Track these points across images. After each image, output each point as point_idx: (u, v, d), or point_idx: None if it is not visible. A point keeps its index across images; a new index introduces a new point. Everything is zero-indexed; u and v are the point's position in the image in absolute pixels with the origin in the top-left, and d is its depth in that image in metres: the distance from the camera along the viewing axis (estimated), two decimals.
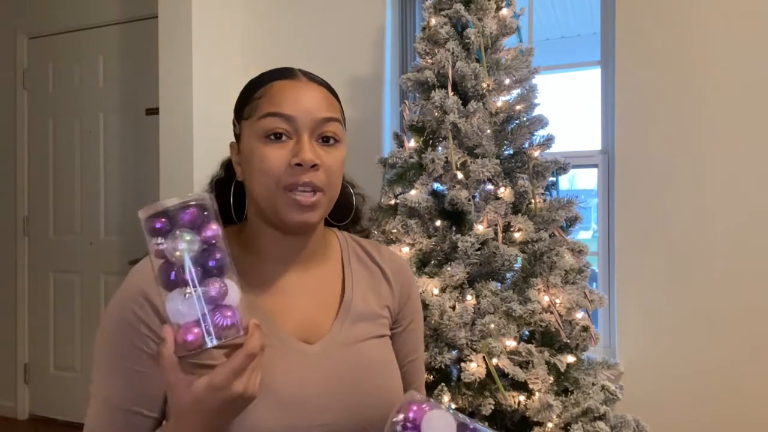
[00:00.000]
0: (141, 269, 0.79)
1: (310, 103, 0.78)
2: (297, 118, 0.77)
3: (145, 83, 2.99)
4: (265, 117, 0.77)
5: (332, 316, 0.84)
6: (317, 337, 0.81)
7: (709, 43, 2.18)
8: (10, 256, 3.41)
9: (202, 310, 0.60)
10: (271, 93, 0.79)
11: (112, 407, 0.76)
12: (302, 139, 0.76)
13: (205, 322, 0.60)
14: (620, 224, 2.29)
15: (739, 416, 2.13)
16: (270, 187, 0.76)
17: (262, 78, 0.82)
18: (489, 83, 1.89)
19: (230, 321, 0.61)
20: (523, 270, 1.79)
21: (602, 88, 2.42)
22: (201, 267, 0.61)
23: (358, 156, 2.69)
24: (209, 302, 0.60)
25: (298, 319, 0.82)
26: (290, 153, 0.76)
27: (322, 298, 0.85)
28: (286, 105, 0.77)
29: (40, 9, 3.34)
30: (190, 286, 0.60)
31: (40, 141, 3.36)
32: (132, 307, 0.76)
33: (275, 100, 0.78)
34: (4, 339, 3.43)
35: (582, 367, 1.80)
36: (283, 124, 0.76)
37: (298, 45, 2.77)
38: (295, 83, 0.80)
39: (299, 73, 0.82)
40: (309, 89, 0.80)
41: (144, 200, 3.04)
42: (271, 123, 0.76)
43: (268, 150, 0.76)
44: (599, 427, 1.62)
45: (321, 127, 0.78)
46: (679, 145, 2.21)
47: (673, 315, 2.21)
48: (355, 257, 0.92)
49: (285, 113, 0.76)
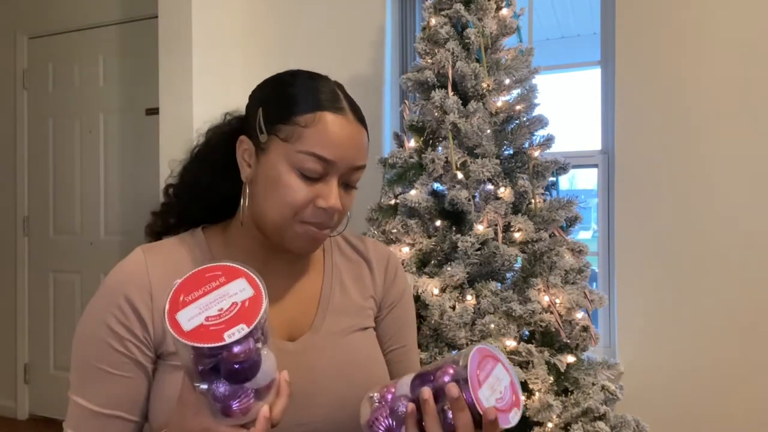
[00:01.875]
0: (121, 270, 0.78)
1: (353, 151, 0.76)
2: (337, 164, 0.75)
3: (145, 83, 2.99)
4: (307, 155, 0.74)
5: (313, 312, 0.84)
6: (299, 334, 0.81)
7: (709, 42, 2.18)
8: (10, 256, 3.41)
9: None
10: (319, 128, 0.74)
11: (91, 412, 0.75)
12: (331, 184, 0.75)
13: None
14: (620, 224, 2.29)
15: (739, 416, 2.13)
16: (285, 217, 0.76)
17: (306, 96, 0.77)
18: (489, 83, 1.89)
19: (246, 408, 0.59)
20: (523, 270, 1.79)
21: (602, 88, 2.42)
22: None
23: None
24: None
25: (280, 316, 0.81)
26: (316, 192, 0.75)
27: (304, 294, 0.85)
28: (332, 149, 0.74)
29: (40, 9, 3.34)
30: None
31: (40, 141, 3.36)
32: (112, 310, 0.75)
33: (323, 140, 0.74)
34: (4, 339, 3.43)
35: (582, 367, 1.80)
36: (321, 168, 0.75)
37: (298, 45, 2.78)
38: (343, 121, 0.76)
39: (346, 105, 0.78)
40: (354, 132, 0.77)
41: (144, 200, 3.04)
42: (312, 164, 0.74)
43: (299, 184, 0.74)
44: (599, 427, 1.62)
45: (351, 174, 0.78)
46: (679, 144, 2.21)
47: (673, 315, 2.21)
48: (337, 250, 0.92)
49: (329, 159, 0.74)
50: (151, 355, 0.76)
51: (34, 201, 3.39)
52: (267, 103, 0.79)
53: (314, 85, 0.79)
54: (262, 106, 0.79)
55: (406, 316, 0.95)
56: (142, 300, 0.76)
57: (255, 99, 0.82)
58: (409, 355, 0.94)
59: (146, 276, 0.77)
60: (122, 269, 0.78)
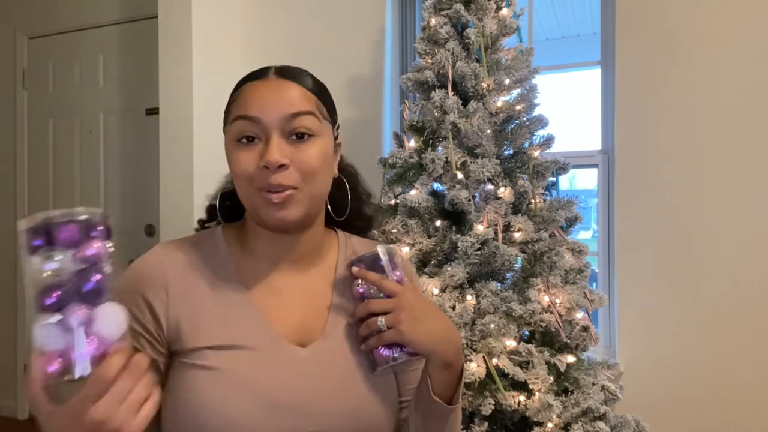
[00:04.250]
0: (139, 266, 0.79)
1: (276, 101, 0.77)
2: (262, 118, 0.76)
3: (145, 83, 2.99)
4: (234, 121, 0.77)
5: (324, 318, 0.83)
6: (310, 340, 0.81)
7: (709, 42, 2.18)
8: (10, 256, 3.41)
9: (67, 341, 0.54)
10: (241, 96, 0.79)
11: None
12: (270, 140, 0.75)
13: (65, 353, 0.54)
14: (620, 224, 2.29)
15: (739, 416, 2.13)
16: (246, 189, 0.77)
17: (238, 82, 0.83)
18: (489, 83, 1.89)
19: (92, 352, 0.55)
20: (523, 270, 1.79)
21: (602, 88, 2.42)
22: (75, 290, 0.55)
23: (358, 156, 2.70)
24: (71, 330, 0.54)
25: (291, 321, 0.81)
26: (258, 155, 0.76)
27: (315, 300, 0.84)
28: (252, 107, 0.76)
29: (40, 9, 3.34)
30: (53, 313, 0.54)
31: (40, 141, 3.36)
32: (129, 306, 0.75)
33: (244, 103, 0.78)
34: (4, 339, 3.43)
35: (582, 367, 1.80)
36: (250, 127, 0.76)
37: (298, 45, 2.78)
38: (263, 83, 0.79)
39: (271, 73, 0.81)
40: (277, 87, 0.78)
41: (144, 200, 3.05)
42: (240, 126, 0.77)
43: (240, 153, 0.76)
44: (599, 427, 1.62)
45: (290, 123, 0.76)
46: (679, 144, 2.21)
47: (673, 315, 2.21)
48: (353, 255, 0.91)
49: (250, 115, 0.76)
50: (163, 351, 0.77)
51: (34, 201, 3.39)
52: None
53: (248, 74, 0.83)
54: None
55: None
56: (158, 297, 0.77)
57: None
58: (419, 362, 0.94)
59: (163, 273, 0.78)
60: (140, 265, 0.79)
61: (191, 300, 0.77)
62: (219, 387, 0.73)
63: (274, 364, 0.76)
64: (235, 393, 0.72)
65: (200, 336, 0.76)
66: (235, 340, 0.76)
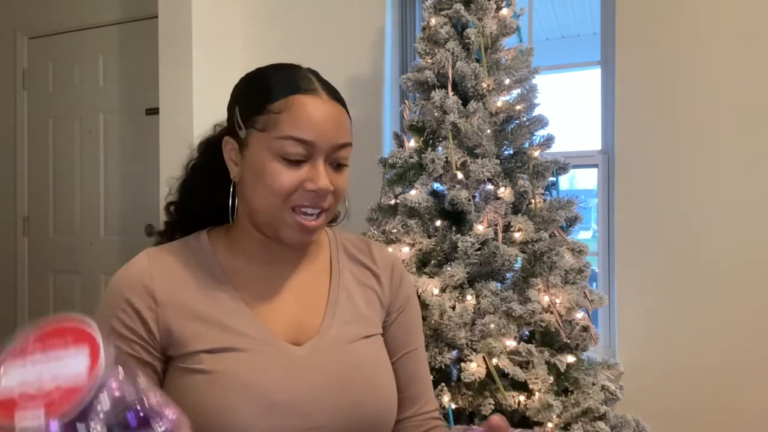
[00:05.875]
0: (123, 274, 0.79)
1: (333, 130, 0.77)
2: (317, 144, 0.75)
3: (145, 83, 2.99)
4: (285, 139, 0.74)
5: (320, 317, 0.83)
6: (306, 339, 0.80)
7: (709, 42, 2.18)
8: (10, 256, 3.40)
9: None
10: (293, 111, 0.75)
11: None
12: (318, 165, 0.76)
13: None
14: (620, 224, 2.29)
15: (739, 416, 2.13)
16: (275, 205, 0.76)
17: (279, 86, 0.78)
18: (489, 83, 1.89)
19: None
20: (523, 270, 1.79)
21: (602, 88, 2.42)
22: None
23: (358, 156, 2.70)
24: None
25: (286, 320, 0.81)
26: (304, 176, 0.75)
27: (310, 298, 0.85)
28: (309, 129, 0.75)
29: (40, 9, 3.34)
30: None
31: (40, 141, 3.36)
32: (117, 313, 0.75)
33: (298, 122, 0.75)
34: (4, 339, 3.42)
35: (582, 367, 1.80)
36: (303, 150, 0.75)
37: (298, 44, 2.78)
38: (317, 101, 0.77)
39: (319, 87, 0.79)
40: (330, 110, 0.77)
41: (144, 200, 3.04)
42: (292, 148, 0.75)
43: (283, 170, 0.75)
44: (599, 427, 1.62)
45: (336, 152, 0.77)
46: (679, 144, 2.21)
47: (673, 315, 2.21)
48: (344, 255, 0.91)
49: (307, 140, 0.75)
50: (158, 355, 0.76)
51: (34, 201, 3.38)
52: (242, 99, 0.81)
53: (285, 73, 0.80)
54: (238, 104, 0.81)
55: (413, 320, 0.95)
56: (145, 303, 0.76)
57: (232, 98, 0.84)
58: (418, 357, 0.94)
59: (149, 279, 0.77)
60: (124, 274, 0.79)
61: (181, 305, 0.77)
62: (217, 390, 0.73)
63: (270, 364, 0.76)
64: (234, 395, 0.72)
65: (194, 340, 0.75)
66: (230, 342, 0.75)
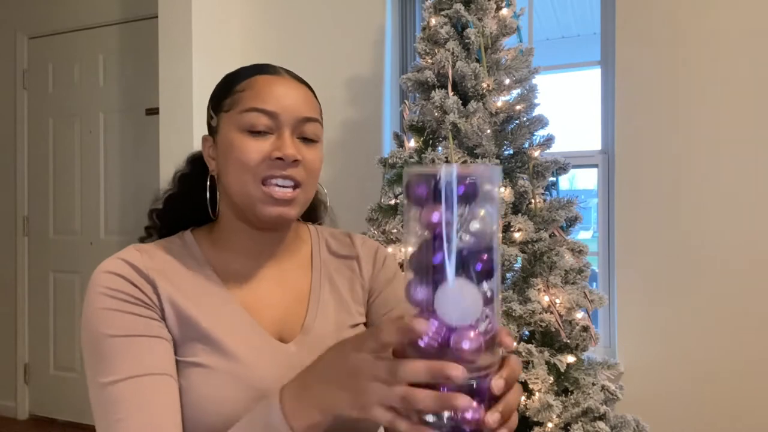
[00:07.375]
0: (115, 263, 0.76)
1: (293, 101, 0.79)
2: (280, 114, 0.77)
3: (145, 83, 2.99)
4: (248, 111, 0.77)
5: (304, 309, 0.84)
6: (291, 333, 0.81)
7: (709, 42, 2.18)
8: (10, 256, 3.41)
9: (484, 317, 0.46)
10: (256, 87, 0.78)
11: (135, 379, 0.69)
12: (284, 135, 0.77)
13: (483, 332, 0.46)
14: (620, 224, 2.29)
15: (739, 416, 2.13)
16: (247, 181, 0.76)
17: (244, 71, 0.82)
18: (489, 83, 1.89)
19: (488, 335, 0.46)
20: (523, 270, 1.79)
21: (602, 88, 2.42)
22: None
23: (358, 156, 2.72)
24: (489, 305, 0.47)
25: (271, 314, 0.82)
26: (271, 147, 0.76)
27: (293, 291, 0.85)
28: (271, 101, 0.77)
29: (40, 9, 3.34)
30: (475, 281, 0.45)
31: (40, 141, 3.36)
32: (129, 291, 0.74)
33: (260, 95, 0.78)
34: (4, 339, 3.43)
35: (582, 367, 1.80)
36: (266, 120, 0.77)
37: (298, 45, 2.77)
38: (279, 79, 0.80)
39: (281, 70, 0.83)
40: (293, 87, 0.80)
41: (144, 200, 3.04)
42: (255, 118, 0.76)
43: (249, 143, 0.76)
44: (599, 427, 1.62)
45: (302, 126, 0.79)
46: (679, 144, 2.21)
47: (673, 315, 2.21)
48: (325, 247, 0.92)
49: (269, 109, 0.77)
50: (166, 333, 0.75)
51: (34, 201, 3.39)
52: (213, 94, 0.84)
53: (252, 65, 0.84)
54: (210, 101, 0.84)
55: (397, 298, 0.94)
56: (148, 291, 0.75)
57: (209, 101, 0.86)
58: None
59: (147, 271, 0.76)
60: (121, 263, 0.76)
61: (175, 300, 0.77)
62: (213, 382, 0.73)
63: (263, 358, 0.77)
64: (230, 388, 0.73)
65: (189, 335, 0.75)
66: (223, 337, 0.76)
